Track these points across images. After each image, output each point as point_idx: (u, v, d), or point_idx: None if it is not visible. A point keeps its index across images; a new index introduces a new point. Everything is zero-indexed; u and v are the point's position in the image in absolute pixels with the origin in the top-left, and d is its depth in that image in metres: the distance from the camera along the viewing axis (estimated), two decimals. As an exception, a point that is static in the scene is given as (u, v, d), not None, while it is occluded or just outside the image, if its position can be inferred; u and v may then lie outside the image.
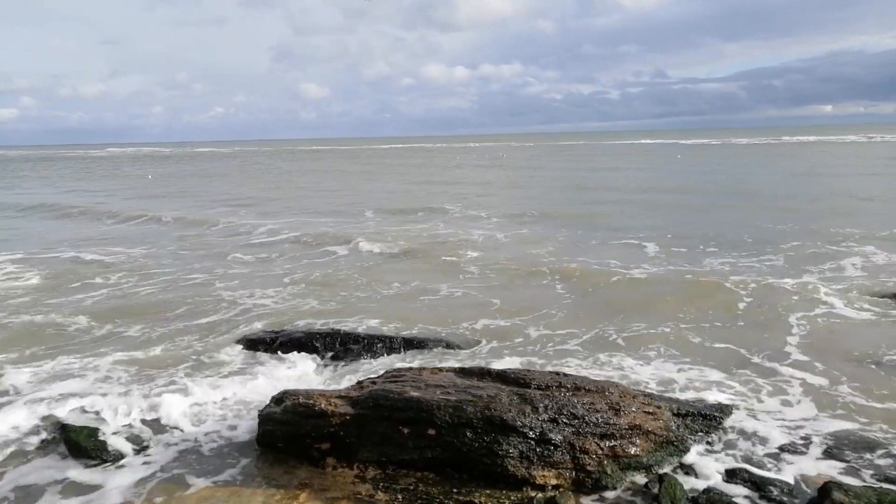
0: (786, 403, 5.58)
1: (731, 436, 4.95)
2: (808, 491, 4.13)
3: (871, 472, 4.37)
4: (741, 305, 8.52)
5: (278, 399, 5.01)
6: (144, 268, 11.95)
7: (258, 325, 8.06)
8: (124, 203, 24.85)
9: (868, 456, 4.59)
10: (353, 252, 13.14)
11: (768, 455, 4.68)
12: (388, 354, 6.94)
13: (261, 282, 10.55)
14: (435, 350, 7.04)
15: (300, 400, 4.81)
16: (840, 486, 3.87)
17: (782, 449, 4.73)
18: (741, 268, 10.68)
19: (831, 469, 4.44)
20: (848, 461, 4.53)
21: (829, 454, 4.64)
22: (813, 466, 4.49)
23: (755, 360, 6.62)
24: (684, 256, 11.80)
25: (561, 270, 10.74)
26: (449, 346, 7.18)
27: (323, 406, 4.69)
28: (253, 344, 7.27)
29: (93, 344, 7.57)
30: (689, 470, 4.49)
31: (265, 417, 4.93)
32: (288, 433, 4.76)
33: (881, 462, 4.51)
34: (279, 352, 7.04)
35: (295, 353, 6.99)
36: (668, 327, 7.72)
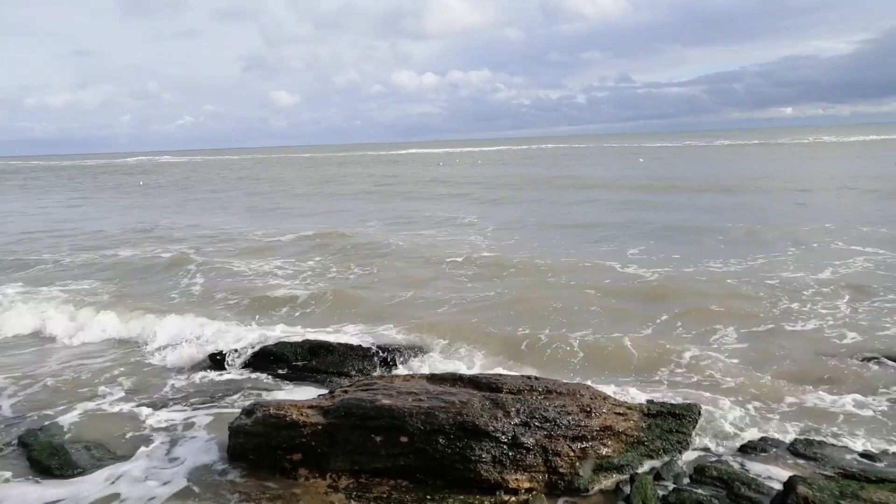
0: (753, 402, 5.68)
1: (700, 434, 5.02)
2: (775, 485, 4.21)
3: (833, 466, 4.48)
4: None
5: (249, 411, 4.94)
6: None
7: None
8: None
9: (830, 451, 4.71)
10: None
11: (736, 452, 4.79)
12: (360, 363, 6.88)
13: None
14: (408, 356, 7.00)
15: (271, 411, 4.74)
16: (804, 479, 3.95)
17: (749, 446, 4.82)
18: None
19: (796, 464, 4.54)
20: (812, 457, 4.63)
21: (793, 451, 4.74)
22: (779, 462, 4.58)
23: (723, 359, 6.73)
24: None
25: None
26: (423, 351, 7.15)
27: (294, 416, 4.64)
28: (222, 357, 7.15)
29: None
30: (659, 469, 4.54)
31: (235, 430, 4.85)
32: (259, 445, 4.69)
33: (843, 457, 4.63)
34: (248, 364, 6.95)
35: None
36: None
